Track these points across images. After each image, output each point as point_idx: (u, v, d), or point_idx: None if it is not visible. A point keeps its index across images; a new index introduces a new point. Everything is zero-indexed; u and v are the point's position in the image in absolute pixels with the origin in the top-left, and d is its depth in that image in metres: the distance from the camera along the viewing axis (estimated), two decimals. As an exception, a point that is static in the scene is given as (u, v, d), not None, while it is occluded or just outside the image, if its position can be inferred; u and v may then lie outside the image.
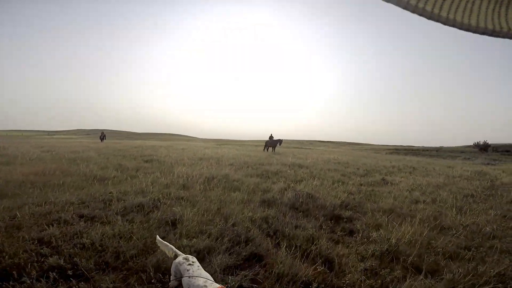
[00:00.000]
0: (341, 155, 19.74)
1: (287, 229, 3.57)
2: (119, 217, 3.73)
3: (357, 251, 3.06)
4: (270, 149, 22.21)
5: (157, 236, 2.51)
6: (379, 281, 2.42)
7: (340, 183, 7.43)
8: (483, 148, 31.44)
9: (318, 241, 3.27)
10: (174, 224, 3.64)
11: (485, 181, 9.41)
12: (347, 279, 2.46)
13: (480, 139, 33.18)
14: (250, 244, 3.17)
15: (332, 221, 4.20)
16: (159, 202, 4.51)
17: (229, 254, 2.91)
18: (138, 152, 15.02)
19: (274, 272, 2.57)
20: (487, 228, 4.02)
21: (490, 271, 2.50)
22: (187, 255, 2.08)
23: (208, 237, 3.27)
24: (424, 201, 5.82)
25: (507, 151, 30.17)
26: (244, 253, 2.95)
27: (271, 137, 22.13)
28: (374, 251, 3.01)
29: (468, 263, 2.81)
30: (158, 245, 2.46)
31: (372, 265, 2.69)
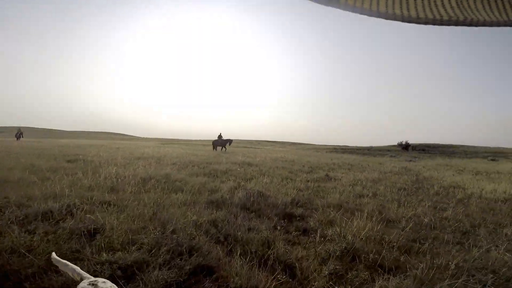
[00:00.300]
0: (287, 154, 20.21)
1: (239, 233, 3.13)
2: (15, 227, 2.81)
3: (317, 253, 2.79)
4: (219, 148, 21.52)
5: (53, 253, 1.80)
6: (349, 287, 2.16)
7: (289, 180, 7.39)
8: (405, 147, 36.25)
9: (274, 244, 2.91)
10: (93, 234, 2.89)
11: (411, 176, 10.51)
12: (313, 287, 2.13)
13: (402, 139, 38.37)
14: (195, 254, 2.64)
15: (286, 220, 3.91)
16: (75, 207, 3.61)
17: (168, 269, 2.34)
18: (61, 151, 12.88)
19: (230, 287, 2.10)
20: (426, 220, 4.23)
21: (449, 264, 2.47)
22: (97, 279, 1.45)
23: (139, 249, 2.65)
24: (367, 195, 6.04)
25: (423, 149, 35.40)
26: (188, 266, 2.41)
27: (220, 136, 21.43)
28: (334, 251, 2.77)
29: (423, 256, 2.79)
30: (56, 264, 1.76)
31: (336, 268, 2.43)
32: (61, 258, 1.77)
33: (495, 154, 27.93)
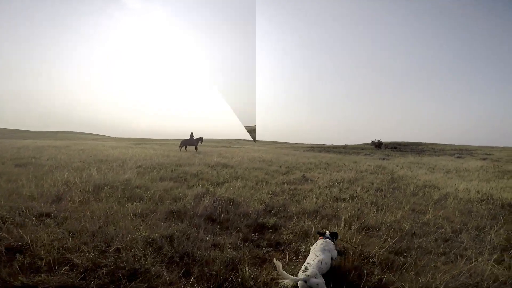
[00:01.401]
0: (265, 153, 19.87)
1: (199, 251, 2.65)
2: None
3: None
4: (193, 148, 20.66)
5: None
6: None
7: (264, 183, 7.00)
8: (378, 145, 37.48)
9: (240, 264, 2.46)
10: (19, 252, 2.45)
11: (386, 175, 10.52)
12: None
13: (374, 137, 39.75)
14: (139, 279, 2.16)
15: (257, 232, 3.48)
16: (2, 221, 3.03)
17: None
18: (15, 154, 11.53)
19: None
20: (406, 226, 3.98)
21: (436, 281, 2.16)
22: None
23: (70, 271, 2.18)
24: (344, 199, 5.77)
25: (395, 147, 36.74)
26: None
27: (191, 135, 20.56)
28: (308, 273, 2.37)
29: (408, 273, 2.47)
30: None
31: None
32: None
33: (460, 152, 29.47)
